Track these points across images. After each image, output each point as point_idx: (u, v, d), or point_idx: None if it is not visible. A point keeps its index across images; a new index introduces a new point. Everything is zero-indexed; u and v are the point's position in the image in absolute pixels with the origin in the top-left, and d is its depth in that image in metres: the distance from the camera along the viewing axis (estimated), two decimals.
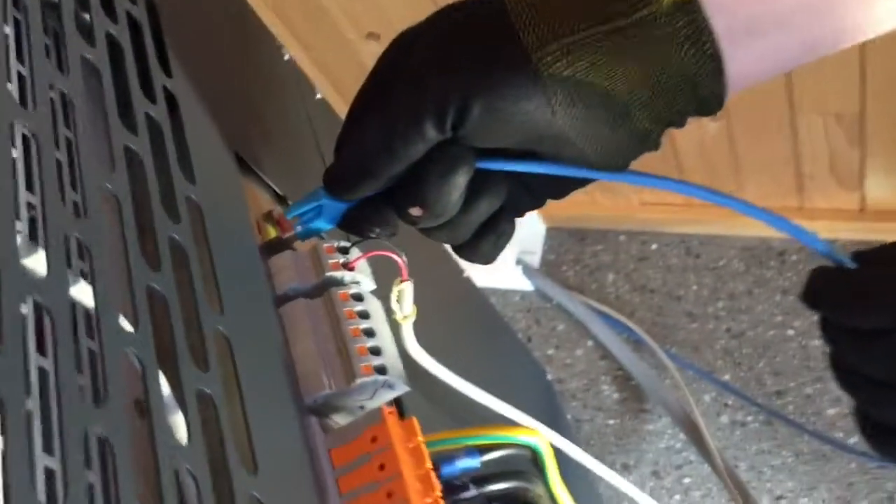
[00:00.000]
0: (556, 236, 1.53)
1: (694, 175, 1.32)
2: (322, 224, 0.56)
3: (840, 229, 1.34)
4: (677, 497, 1.34)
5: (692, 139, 1.27)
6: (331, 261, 0.53)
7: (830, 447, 1.28)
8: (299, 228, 0.56)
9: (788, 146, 1.26)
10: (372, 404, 0.50)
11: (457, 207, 0.45)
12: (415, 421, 0.48)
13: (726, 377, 1.37)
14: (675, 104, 0.39)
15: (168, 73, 0.49)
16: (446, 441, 0.58)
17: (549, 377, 1.41)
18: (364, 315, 0.51)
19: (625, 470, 1.37)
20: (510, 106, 0.39)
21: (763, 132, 1.24)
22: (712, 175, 1.32)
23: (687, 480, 1.35)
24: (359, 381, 0.48)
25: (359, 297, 0.53)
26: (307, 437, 0.46)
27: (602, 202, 1.46)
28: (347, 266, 0.54)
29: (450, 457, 0.57)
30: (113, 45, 0.44)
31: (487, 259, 0.48)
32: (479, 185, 0.44)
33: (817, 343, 1.35)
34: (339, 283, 0.53)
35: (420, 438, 0.47)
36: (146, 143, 0.43)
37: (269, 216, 0.57)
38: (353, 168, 0.46)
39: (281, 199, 0.61)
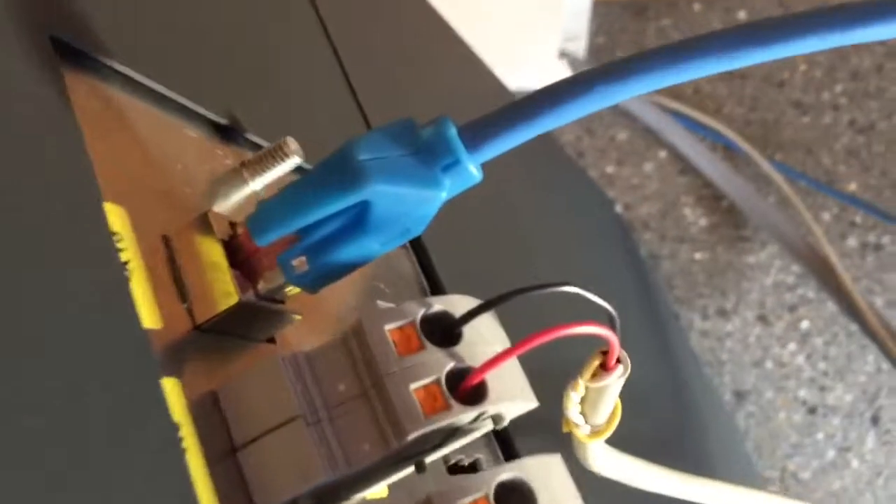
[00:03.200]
0: (607, 12, 1.14)
1: None
2: (369, 245, 0.20)
3: None
4: (792, 346, 1.05)
5: None
6: (418, 383, 0.18)
7: None
8: (295, 266, 0.19)
9: None
10: None
11: None
12: None
13: (852, 187, 1.04)
14: None
15: None
16: None
17: (617, 208, 1.08)
18: None
19: (721, 316, 1.07)
20: None
21: None
22: None
23: (805, 325, 1.05)
24: None
25: (517, 490, 0.17)
26: None
27: None
28: (463, 388, 0.18)
29: None
30: None
31: None
32: None
33: None
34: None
35: None
36: None
37: (203, 223, 0.21)
38: None
39: (226, 133, 0.24)
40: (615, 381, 0.22)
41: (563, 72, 1.11)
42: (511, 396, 0.19)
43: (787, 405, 1.05)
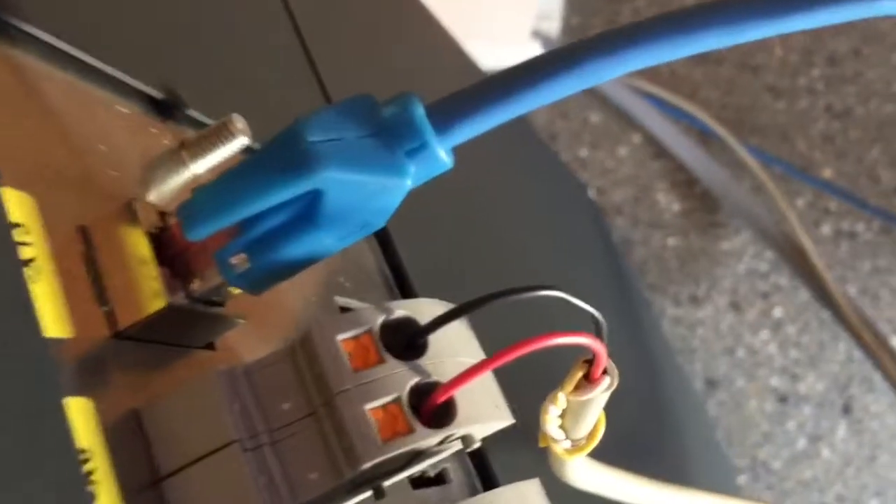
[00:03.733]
0: None
1: None
2: (322, 241, 0.17)
3: None
4: (764, 334, 1.04)
5: None
6: (375, 403, 0.15)
7: None
8: (234, 264, 0.17)
9: None
10: None
11: None
12: None
13: (827, 173, 1.02)
14: None
15: None
16: None
17: (590, 193, 1.06)
18: None
19: (693, 303, 1.05)
20: None
21: None
22: None
23: (777, 313, 1.04)
24: None
25: None
26: None
27: None
28: (428, 407, 0.15)
29: None
30: None
31: None
32: None
33: None
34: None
35: None
36: None
37: (128, 212, 0.18)
38: None
39: (163, 109, 0.21)
40: (600, 394, 0.19)
41: (536, 52, 1.08)
42: (483, 417, 0.17)
43: (758, 393, 1.04)
